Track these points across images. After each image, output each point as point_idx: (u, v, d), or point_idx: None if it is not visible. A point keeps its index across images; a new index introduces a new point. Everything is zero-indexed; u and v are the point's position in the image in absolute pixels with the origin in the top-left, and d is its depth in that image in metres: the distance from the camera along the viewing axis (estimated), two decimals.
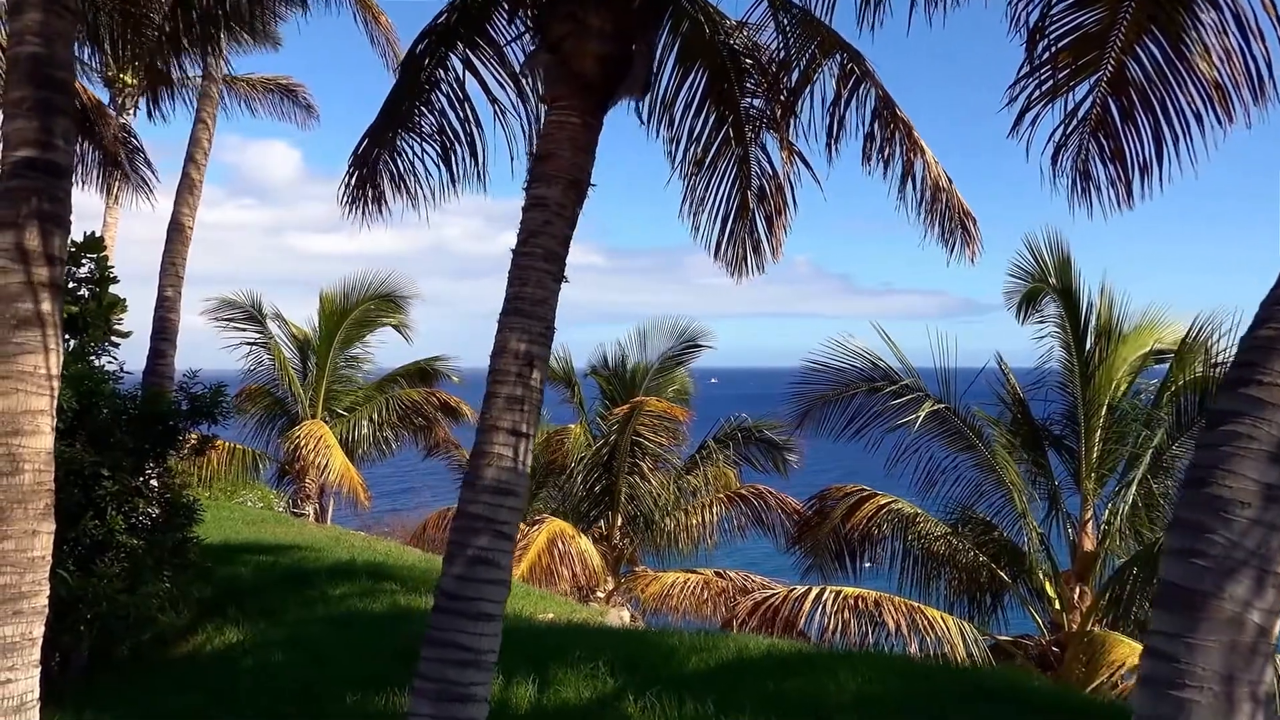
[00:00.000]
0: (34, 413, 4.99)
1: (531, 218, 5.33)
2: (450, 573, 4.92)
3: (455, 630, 4.82)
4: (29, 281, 5.02)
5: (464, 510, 5.04)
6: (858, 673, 6.75)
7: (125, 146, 17.29)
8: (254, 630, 9.13)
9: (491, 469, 5.00)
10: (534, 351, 5.18)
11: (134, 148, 17.40)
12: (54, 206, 5.17)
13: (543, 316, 5.24)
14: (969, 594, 13.70)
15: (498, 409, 5.09)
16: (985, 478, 13.49)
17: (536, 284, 5.23)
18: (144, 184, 17.17)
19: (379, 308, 19.84)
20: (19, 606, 4.89)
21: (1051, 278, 13.62)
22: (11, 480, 4.90)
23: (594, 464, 18.00)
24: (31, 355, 4.99)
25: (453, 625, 4.84)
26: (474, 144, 7.90)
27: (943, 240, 8.81)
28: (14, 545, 4.89)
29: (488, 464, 5.02)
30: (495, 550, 4.93)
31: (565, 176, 5.38)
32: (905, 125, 8.22)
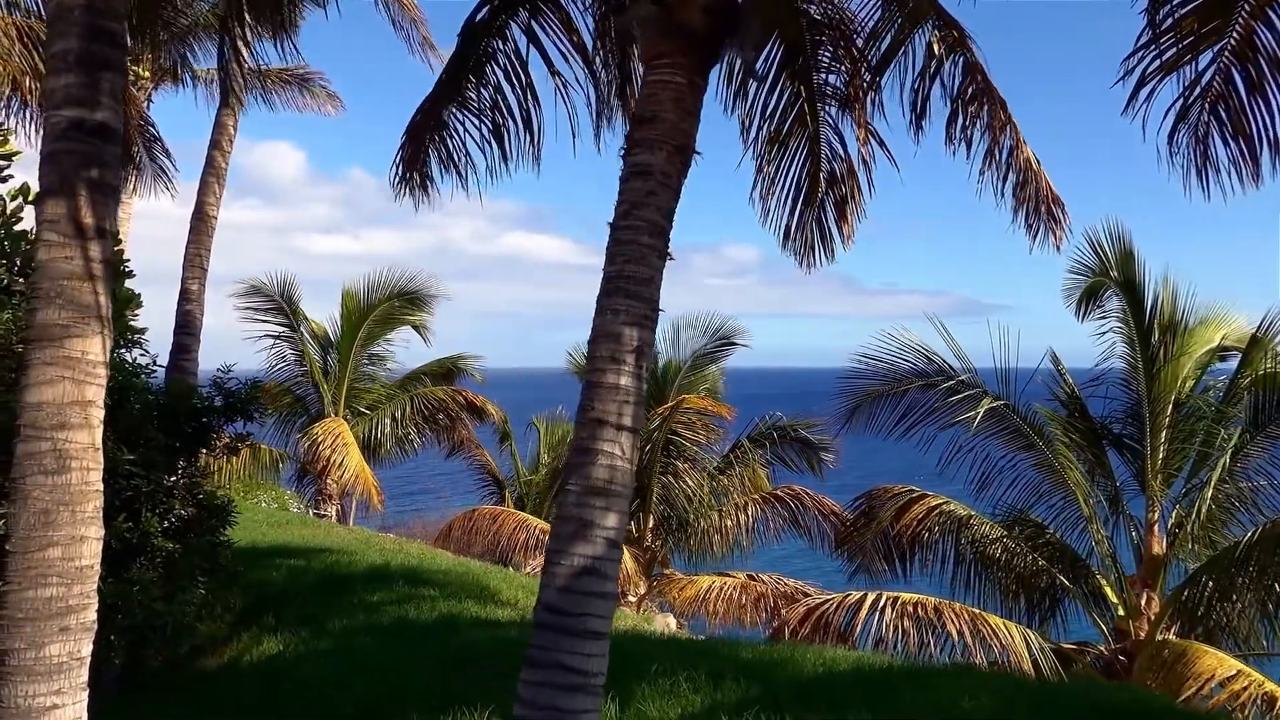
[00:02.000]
0: (82, 404, 4.44)
1: (633, 188, 4.78)
2: (554, 585, 4.36)
3: (561, 650, 4.27)
4: (77, 256, 4.46)
5: (567, 515, 4.48)
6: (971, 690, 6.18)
7: (143, 135, 16.79)
8: (296, 640, 8.58)
9: (596, 468, 4.45)
10: (640, 336, 4.62)
11: (152, 137, 16.89)
12: (103, 173, 4.61)
13: (648, 298, 4.69)
14: (1026, 599, 13.13)
15: (600, 400, 4.53)
16: (1045, 478, 12.91)
17: (640, 261, 4.68)
18: (163, 173, 16.66)
19: (402, 306, 19.30)
20: (66, 622, 4.34)
21: (1113, 271, 13.05)
22: (57, 480, 4.35)
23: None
24: (79, 339, 4.44)
25: (558, 644, 4.28)
26: (530, 121, 7.42)
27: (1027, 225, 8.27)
28: (60, 553, 4.33)
29: (591, 462, 4.47)
30: (604, 560, 4.37)
31: (670, 141, 4.83)
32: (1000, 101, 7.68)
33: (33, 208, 9.88)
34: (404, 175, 7.02)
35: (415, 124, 7.14)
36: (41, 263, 4.46)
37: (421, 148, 7.05)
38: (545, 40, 7.25)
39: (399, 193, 6.91)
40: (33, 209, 9.93)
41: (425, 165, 7.05)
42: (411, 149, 7.07)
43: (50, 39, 4.68)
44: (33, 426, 4.36)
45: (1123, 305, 13.05)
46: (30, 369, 4.41)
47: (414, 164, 7.06)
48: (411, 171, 7.04)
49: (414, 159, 7.02)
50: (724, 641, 9.17)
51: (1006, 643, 11.66)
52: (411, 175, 7.05)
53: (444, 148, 7.19)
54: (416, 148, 7.04)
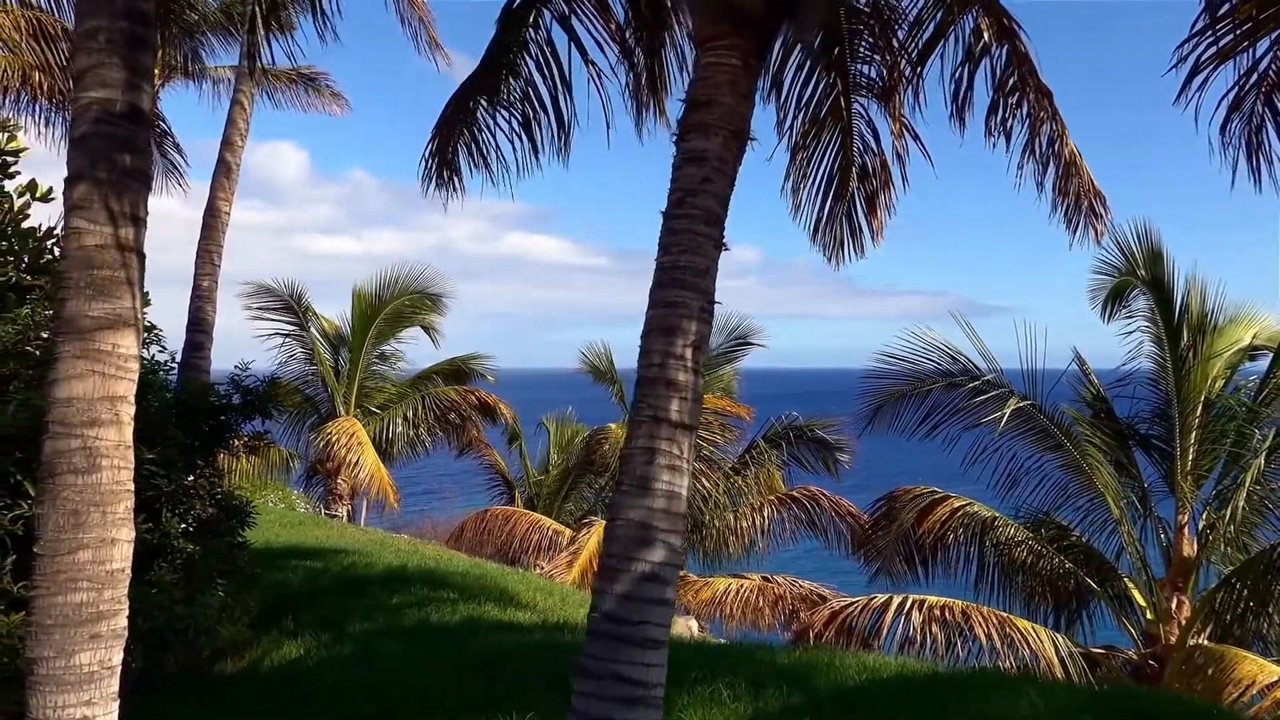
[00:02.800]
0: (113, 399, 4.23)
1: (688, 174, 4.56)
2: (611, 591, 4.14)
3: (619, 660, 4.05)
4: (108, 244, 4.25)
5: (624, 518, 4.26)
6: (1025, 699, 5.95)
7: (154, 130, 16.58)
8: (316, 643, 8.37)
9: (654, 469, 4.23)
10: (698, 330, 4.40)
11: (163, 132, 16.69)
12: (135, 159, 4.40)
13: (705, 289, 4.47)
14: (1054, 602, 12.92)
15: (657, 397, 4.31)
16: (1072, 479, 12.70)
17: (696, 251, 4.46)
18: (174, 169, 16.48)
19: (414, 304, 19.07)
20: (97, 629, 4.12)
21: (1141, 270, 12.84)
22: (87, 479, 4.13)
23: None
24: (110, 331, 4.23)
25: (615, 654, 4.06)
26: (560, 112, 7.23)
27: (1066, 220, 8.08)
28: (90, 556, 4.12)
29: (649, 463, 4.25)
30: (665, 565, 4.15)
31: (726, 126, 4.62)
32: (1045, 91, 7.47)
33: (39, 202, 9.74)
34: (433, 170, 6.86)
35: (445, 118, 7.00)
36: (70, 251, 4.25)
37: (451, 142, 6.90)
38: (580, 28, 7.06)
39: (428, 187, 6.74)
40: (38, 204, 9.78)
41: (454, 159, 6.90)
42: (441, 143, 6.91)
43: (79, 17, 4.47)
44: (61, 423, 4.15)
45: (1150, 304, 12.85)
46: (59, 362, 4.20)
47: (443, 158, 6.91)
48: (441, 166, 6.88)
49: (443, 153, 6.86)
50: (758, 646, 8.96)
51: (1036, 647, 11.45)
52: (441, 170, 6.88)
53: (473, 141, 7.04)
54: (446, 142, 6.89)
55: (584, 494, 22.52)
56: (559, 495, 22.05)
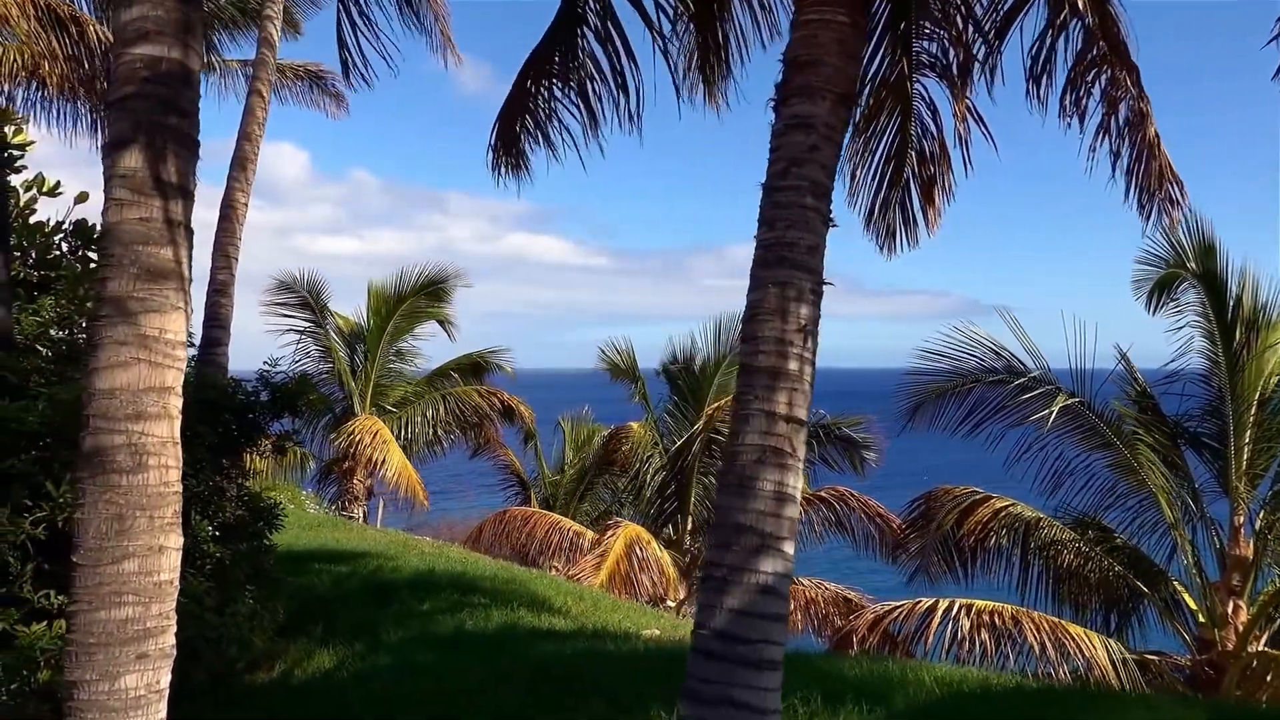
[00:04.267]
0: (160, 390, 3.78)
1: (793, 142, 4.12)
2: (723, 606, 3.69)
3: (735, 684, 3.61)
4: (155, 218, 3.80)
5: (732, 523, 3.82)
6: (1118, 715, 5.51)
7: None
8: (350, 653, 7.92)
9: (764, 468, 3.78)
10: (808, 314, 3.96)
11: None
12: (183, 122, 3.95)
13: (814, 268, 4.03)
14: (1104, 606, 12.48)
15: (766, 389, 3.87)
16: (1121, 479, 12.26)
17: (804, 226, 4.02)
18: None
19: (429, 300, 18.61)
20: (144, 648, 3.68)
21: (1191, 263, 12.38)
22: (133, 480, 3.69)
23: (667, 464, 16.77)
24: (157, 315, 3.78)
25: (729, 676, 3.62)
26: (624, 80, 6.85)
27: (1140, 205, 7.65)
28: (136, 566, 3.67)
29: (759, 462, 3.80)
30: (782, 577, 3.71)
31: (833, 89, 4.17)
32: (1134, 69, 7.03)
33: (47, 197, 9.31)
34: (499, 155, 6.62)
35: (508, 102, 6.76)
36: (111, 225, 3.81)
37: (514, 125, 6.65)
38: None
39: (496, 174, 6.50)
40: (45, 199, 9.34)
41: (519, 143, 6.64)
42: (504, 127, 6.67)
43: None
44: (104, 417, 3.70)
45: (1201, 298, 12.39)
46: (100, 349, 3.75)
47: (507, 142, 6.67)
48: (505, 150, 6.63)
49: (507, 137, 6.61)
50: (819, 656, 8.52)
51: (1089, 653, 11.01)
52: (506, 154, 6.64)
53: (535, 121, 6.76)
54: (509, 125, 6.64)
55: (600, 494, 22.12)
56: (575, 495, 21.65)
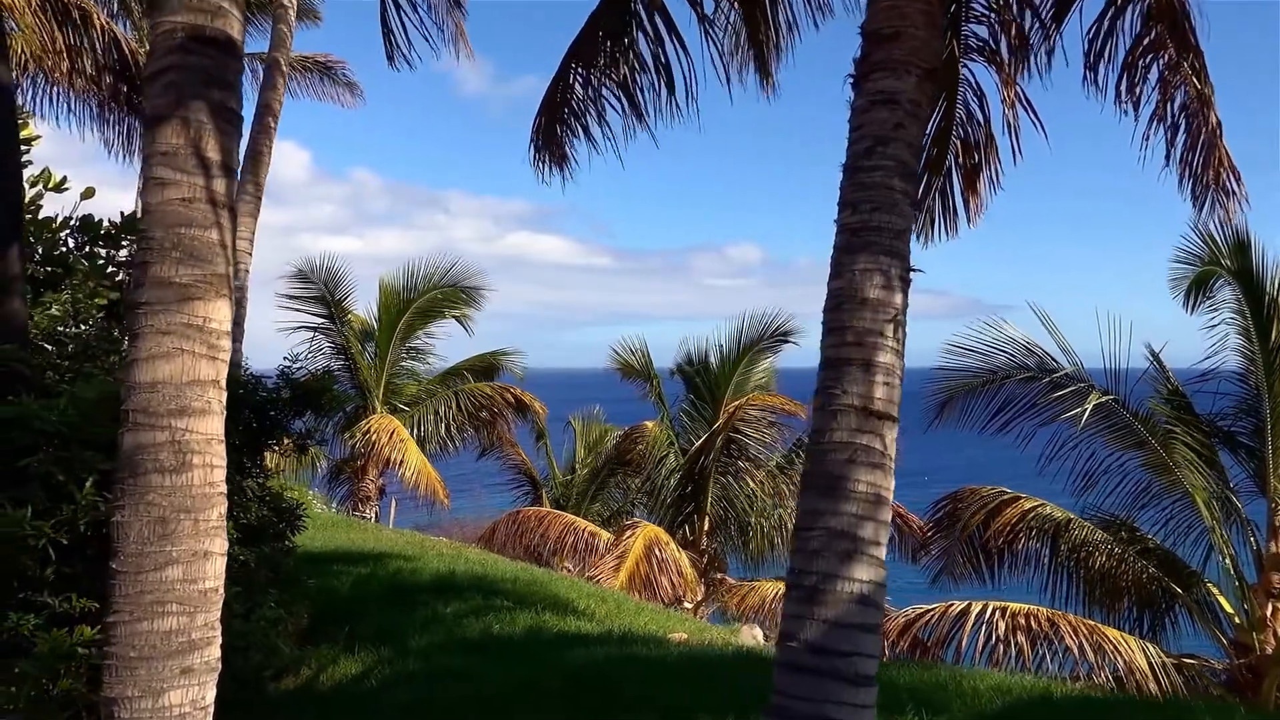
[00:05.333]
0: (204, 384, 3.51)
1: (877, 119, 3.85)
2: (815, 617, 3.43)
3: (828, 699, 3.35)
4: (197, 198, 3.53)
5: (821, 527, 3.54)
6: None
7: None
8: (376, 659, 7.65)
9: (854, 468, 3.51)
10: (898, 302, 3.69)
11: None
12: (226, 95, 3.68)
13: (903, 254, 3.76)
14: (1137, 609, 12.21)
15: (854, 382, 3.60)
16: (1155, 479, 11.99)
17: (892, 209, 3.75)
18: None
19: (445, 297, 18.33)
20: (189, 662, 3.40)
21: (1225, 259, 12.13)
22: (177, 480, 3.42)
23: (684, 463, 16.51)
24: (201, 303, 3.52)
25: (821, 692, 3.35)
26: (669, 71, 6.64)
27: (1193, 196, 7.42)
28: (180, 573, 3.40)
29: (848, 461, 3.53)
30: (876, 585, 3.44)
31: (919, 63, 3.91)
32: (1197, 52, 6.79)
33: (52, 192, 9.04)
34: (541, 149, 6.45)
35: (549, 95, 6.59)
36: (152, 206, 3.54)
37: (556, 118, 6.48)
38: None
39: (538, 169, 6.32)
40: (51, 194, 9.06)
41: (561, 137, 6.47)
42: (546, 120, 6.50)
43: None
44: (145, 412, 3.43)
45: (1236, 295, 12.13)
46: (140, 340, 3.48)
47: (549, 136, 6.50)
48: (548, 144, 6.47)
49: (549, 131, 6.44)
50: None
51: (1127, 656, 10.75)
52: (548, 148, 6.47)
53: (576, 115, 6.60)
54: (552, 119, 6.47)
55: (612, 494, 21.86)
56: (586, 495, 21.39)
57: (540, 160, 6.83)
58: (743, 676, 7.28)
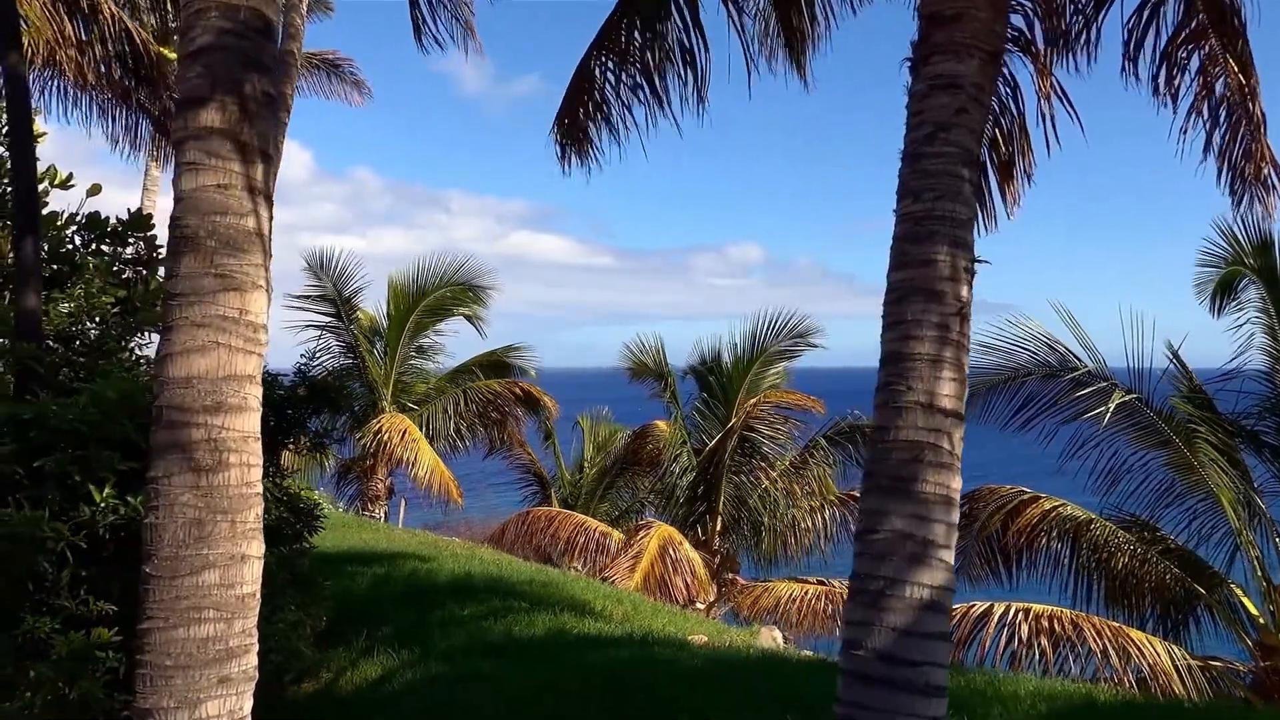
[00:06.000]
0: (240, 379, 3.36)
1: (938, 104, 3.69)
2: (884, 624, 3.27)
3: (897, 712, 3.19)
4: (234, 185, 3.38)
5: (888, 529, 3.39)
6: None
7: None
8: (397, 662, 7.50)
9: (921, 468, 3.35)
10: (965, 295, 3.53)
11: None
12: (262, 79, 3.53)
13: (969, 244, 3.60)
14: (1158, 610, 12.05)
15: (920, 378, 3.45)
16: (1179, 479, 11.83)
17: (956, 197, 3.59)
18: None
19: (454, 295, 18.17)
20: (226, 671, 3.25)
21: (1248, 259, 12.01)
22: (213, 479, 3.26)
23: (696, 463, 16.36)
24: (237, 293, 3.36)
25: (893, 704, 3.19)
26: (694, 60, 6.52)
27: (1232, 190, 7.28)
28: (217, 577, 3.25)
29: (915, 460, 3.37)
30: (944, 590, 3.28)
31: (982, 46, 3.75)
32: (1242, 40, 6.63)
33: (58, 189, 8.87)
34: (564, 139, 6.33)
35: (573, 84, 6.49)
36: (186, 193, 3.38)
37: (578, 106, 6.40)
38: None
39: (562, 160, 6.20)
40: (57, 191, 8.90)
41: (584, 125, 6.38)
42: (569, 110, 6.38)
43: None
44: (179, 409, 3.28)
45: (1261, 294, 12.01)
46: (174, 332, 3.33)
47: (572, 126, 6.41)
48: (571, 134, 6.35)
49: (572, 120, 6.33)
50: None
51: (1152, 659, 10.60)
52: (571, 138, 6.36)
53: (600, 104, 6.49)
54: (574, 108, 6.34)
55: (621, 494, 21.71)
56: (595, 495, 21.25)
57: (563, 150, 6.71)
58: (773, 680, 7.13)
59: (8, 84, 6.80)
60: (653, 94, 6.62)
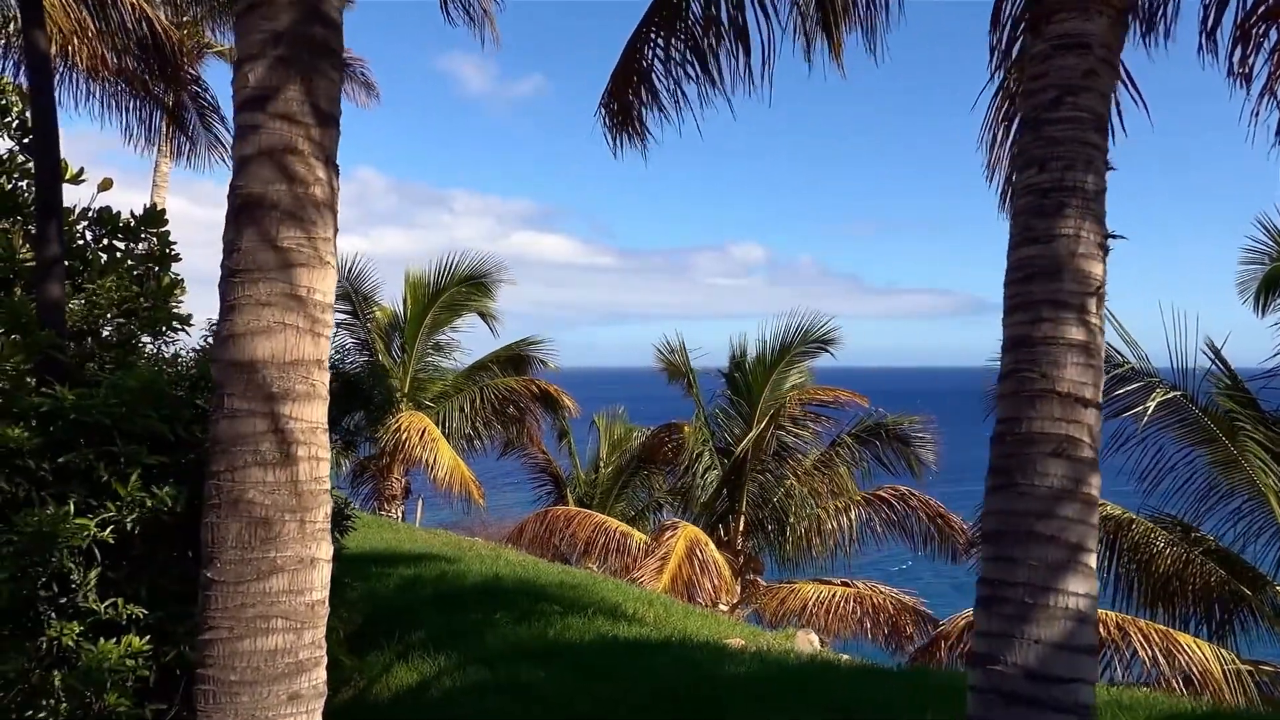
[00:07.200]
0: (308, 364, 3.05)
1: (1065, 66, 3.36)
2: (1027, 635, 2.95)
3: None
4: (302, 148, 3.06)
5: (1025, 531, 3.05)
6: None
7: (196, 101, 15.41)
8: (434, 667, 7.17)
9: (1063, 462, 3.02)
10: (1098, 273, 3.21)
11: (208, 104, 15.52)
12: (329, 34, 3.22)
13: (1101, 217, 3.28)
14: (1198, 611, 11.73)
15: (1055, 364, 3.12)
16: (1224, 477, 11.50)
17: (1088, 166, 3.27)
18: (218, 143, 15.28)
19: (470, 291, 17.86)
20: (296, 686, 2.94)
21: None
22: (280, 474, 2.95)
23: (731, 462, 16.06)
24: (305, 269, 3.05)
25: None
26: (745, 36, 6.24)
27: None
28: (286, 583, 2.93)
29: (1055, 454, 3.04)
30: (1090, 600, 2.96)
31: (1111, 3, 3.42)
32: None
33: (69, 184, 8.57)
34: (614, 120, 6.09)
35: (622, 62, 6.29)
36: (247, 158, 3.07)
37: (628, 88, 6.12)
38: None
39: (612, 141, 5.95)
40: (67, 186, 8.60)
41: (634, 108, 6.12)
42: (619, 90, 6.17)
43: None
44: (243, 396, 2.97)
45: None
46: (235, 313, 3.01)
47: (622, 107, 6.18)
48: (621, 115, 6.11)
49: (622, 100, 6.11)
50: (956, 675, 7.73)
51: (1199, 663, 10.28)
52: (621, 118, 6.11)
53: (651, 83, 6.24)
54: (623, 89, 6.11)
55: (637, 493, 21.41)
56: (611, 494, 20.94)
57: (613, 131, 6.43)
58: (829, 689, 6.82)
59: (30, 62, 6.49)
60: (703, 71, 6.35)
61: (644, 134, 6.35)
